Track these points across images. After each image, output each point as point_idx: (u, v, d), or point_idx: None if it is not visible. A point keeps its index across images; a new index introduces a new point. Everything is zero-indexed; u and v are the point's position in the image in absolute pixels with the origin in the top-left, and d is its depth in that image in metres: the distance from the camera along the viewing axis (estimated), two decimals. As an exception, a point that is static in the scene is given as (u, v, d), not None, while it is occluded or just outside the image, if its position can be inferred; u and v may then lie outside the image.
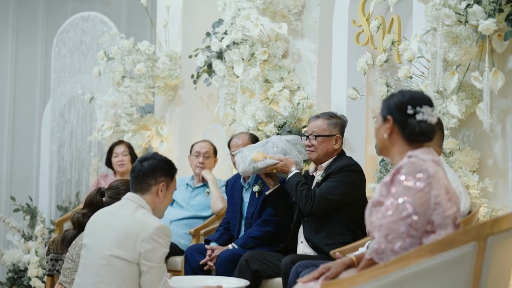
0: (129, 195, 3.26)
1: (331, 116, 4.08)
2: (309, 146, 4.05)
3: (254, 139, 4.67)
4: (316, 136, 4.01)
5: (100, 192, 3.74)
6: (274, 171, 4.16)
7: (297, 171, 4.05)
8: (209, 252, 4.49)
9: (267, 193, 4.27)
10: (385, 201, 2.46)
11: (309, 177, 4.11)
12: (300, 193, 3.91)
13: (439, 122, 3.39)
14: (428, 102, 2.54)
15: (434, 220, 2.42)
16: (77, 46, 6.98)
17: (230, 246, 4.43)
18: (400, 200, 2.40)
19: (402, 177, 2.43)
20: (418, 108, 2.51)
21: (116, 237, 3.11)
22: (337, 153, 4.05)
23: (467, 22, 3.63)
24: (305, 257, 3.86)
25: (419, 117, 2.52)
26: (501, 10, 3.53)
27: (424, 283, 2.32)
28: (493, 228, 2.36)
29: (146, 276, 3.07)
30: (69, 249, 3.61)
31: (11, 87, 7.44)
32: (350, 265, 2.70)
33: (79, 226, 3.70)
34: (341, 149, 4.08)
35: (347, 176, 3.91)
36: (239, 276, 3.98)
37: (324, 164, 4.03)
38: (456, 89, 3.77)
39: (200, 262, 4.50)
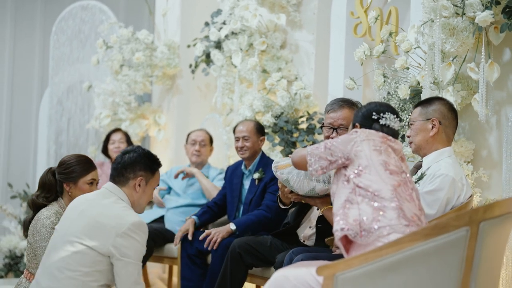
0: (110, 186, 3.21)
1: (353, 104, 3.74)
2: None
3: (259, 127, 4.71)
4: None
5: (51, 171, 3.61)
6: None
7: None
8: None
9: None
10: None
11: None
12: None
13: (454, 110, 3.42)
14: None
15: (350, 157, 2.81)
16: (76, 34, 6.98)
17: (231, 227, 4.34)
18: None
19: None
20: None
21: (88, 225, 3.07)
22: None
23: (464, 14, 3.67)
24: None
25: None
26: (498, 3, 3.57)
27: (418, 267, 2.37)
28: (485, 214, 2.41)
29: (122, 271, 3.02)
30: (28, 232, 3.52)
31: (9, 75, 7.44)
32: None
33: (34, 208, 3.56)
34: None
35: None
36: (231, 267, 3.99)
37: None
38: (452, 81, 3.81)
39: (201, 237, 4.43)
